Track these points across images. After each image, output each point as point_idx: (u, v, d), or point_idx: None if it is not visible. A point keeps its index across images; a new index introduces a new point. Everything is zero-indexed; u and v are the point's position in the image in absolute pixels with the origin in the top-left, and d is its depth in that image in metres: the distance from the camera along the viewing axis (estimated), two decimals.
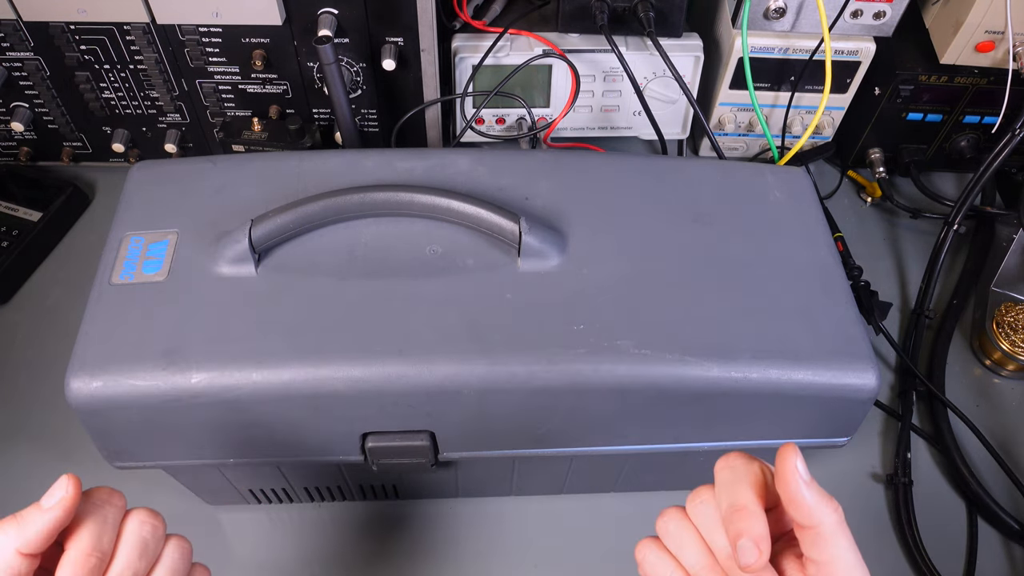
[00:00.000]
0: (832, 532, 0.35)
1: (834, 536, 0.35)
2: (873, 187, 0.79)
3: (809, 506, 0.35)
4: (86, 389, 0.43)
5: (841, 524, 0.35)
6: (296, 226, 0.47)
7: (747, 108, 0.76)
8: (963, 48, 0.68)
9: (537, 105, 0.75)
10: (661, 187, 0.53)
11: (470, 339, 0.44)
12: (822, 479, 0.63)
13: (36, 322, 0.68)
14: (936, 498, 0.62)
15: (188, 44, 0.65)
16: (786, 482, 0.35)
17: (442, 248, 0.48)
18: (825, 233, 0.52)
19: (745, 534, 0.35)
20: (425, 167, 0.52)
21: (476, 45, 0.70)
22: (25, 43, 0.65)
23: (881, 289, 0.72)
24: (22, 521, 0.36)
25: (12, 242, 0.70)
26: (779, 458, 0.35)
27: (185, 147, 0.74)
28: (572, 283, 0.47)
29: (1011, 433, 0.65)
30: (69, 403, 0.43)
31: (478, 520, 0.60)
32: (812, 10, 0.68)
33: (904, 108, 0.73)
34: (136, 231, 0.49)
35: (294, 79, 0.68)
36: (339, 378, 0.43)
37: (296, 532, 0.58)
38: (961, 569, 0.59)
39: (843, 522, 0.36)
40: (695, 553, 0.38)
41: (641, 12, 0.66)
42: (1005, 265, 0.71)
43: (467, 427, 0.47)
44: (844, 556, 0.35)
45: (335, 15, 0.63)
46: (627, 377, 0.44)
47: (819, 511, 0.35)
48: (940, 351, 0.69)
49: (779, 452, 0.35)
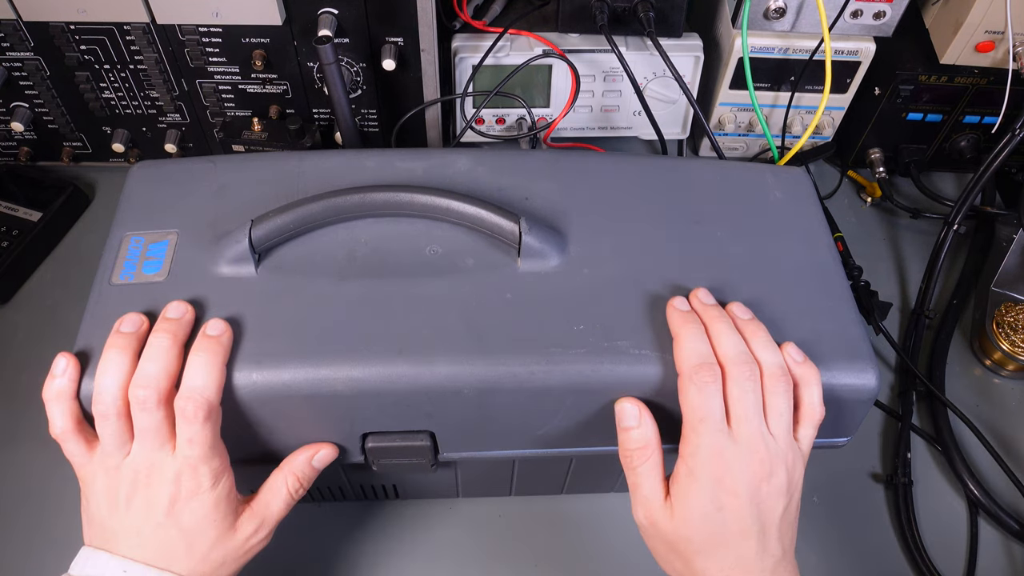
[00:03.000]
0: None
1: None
2: (873, 187, 0.79)
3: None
4: (86, 389, 0.43)
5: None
6: (296, 226, 0.47)
7: (747, 108, 0.76)
8: (963, 48, 0.68)
9: (537, 105, 0.75)
10: (661, 187, 0.53)
11: (470, 339, 0.44)
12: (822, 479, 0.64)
13: (36, 322, 0.68)
14: (936, 498, 0.62)
15: (188, 44, 0.65)
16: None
17: (442, 248, 0.48)
18: (825, 233, 0.52)
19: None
20: (425, 167, 0.52)
21: (476, 45, 0.70)
22: (25, 43, 0.65)
23: (881, 289, 0.72)
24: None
25: (12, 242, 0.70)
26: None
27: (185, 147, 0.74)
28: (572, 283, 0.47)
29: (1011, 433, 0.65)
30: None
31: (478, 520, 0.60)
32: (812, 10, 0.68)
33: (904, 108, 0.73)
34: (136, 231, 0.49)
35: (294, 79, 0.68)
36: (339, 378, 0.43)
37: (296, 532, 0.58)
38: (961, 569, 0.59)
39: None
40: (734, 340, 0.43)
41: (641, 12, 0.66)
42: (1005, 265, 0.71)
43: (467, 427, 0.46)
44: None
45: (335, 15, 0.63)
46: (627, 377, 0.44)
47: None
48: (940, 351, 0.69)
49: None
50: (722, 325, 0.43)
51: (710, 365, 0.42)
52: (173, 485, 0.42)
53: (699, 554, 0.42)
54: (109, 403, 0.41)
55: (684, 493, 0.42)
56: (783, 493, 0.42)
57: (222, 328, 0.43)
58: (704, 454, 0.41)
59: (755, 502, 0.41)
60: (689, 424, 0.42)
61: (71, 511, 0.59)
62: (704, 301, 0.46)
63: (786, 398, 0.42)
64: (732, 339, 0.43)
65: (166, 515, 0.42)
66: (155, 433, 0.42)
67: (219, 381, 0.41)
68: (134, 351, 0.42)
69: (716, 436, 0.41)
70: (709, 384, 0.41)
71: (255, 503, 0.46)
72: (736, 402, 0.42)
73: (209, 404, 0.41)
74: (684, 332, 0.43)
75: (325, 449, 0.46)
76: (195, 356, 0.42)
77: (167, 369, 0.41)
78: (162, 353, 0.42)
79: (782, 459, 0.42)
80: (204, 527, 0.43)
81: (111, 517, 0.43)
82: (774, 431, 0.42)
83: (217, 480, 0.43)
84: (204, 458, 0.42)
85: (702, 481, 0.41)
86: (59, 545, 0.57)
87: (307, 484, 0.47)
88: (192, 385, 0.41)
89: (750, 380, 0.42)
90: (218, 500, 0.43)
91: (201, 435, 0.41)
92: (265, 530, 0.46)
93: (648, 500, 0.43)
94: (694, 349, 0.42)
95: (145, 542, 0.42)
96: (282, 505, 0.46)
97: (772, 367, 0.43)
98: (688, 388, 0.42)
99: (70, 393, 0.42)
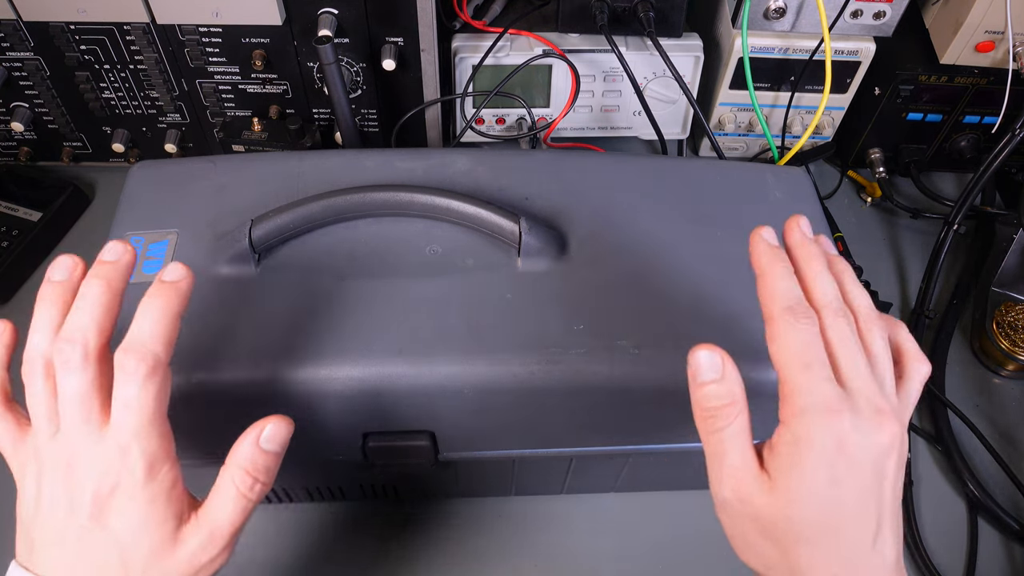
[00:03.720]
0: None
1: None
2: (873, 187, 0.79)
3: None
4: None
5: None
6: (296, 226, 0.47)
7: (747, 108, 0.76)
8: (963, 48, 0.68)
9: (537, 105, 0.75)
10: (661, 187, 0.53)
11: (470, 339, 0.44)
12: None
13: None
14: (936, 498, 0.62)
15: (188, 44, 0.65)
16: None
17: (442, 248, 0.48)
18: (825, 233, 0.52)
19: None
20: (425, 167, 0.52)
21: (476, 45, 0.70)
22: (25, 43, 0.65)
23: (881, 289, 0.72)
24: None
25: (12, 242, 0.70)
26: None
27: (185, 147, 0.74)
28: (572, 283, 0.47)
29: (1011, 433, 0.65)
30: None
31: (478, 520, 0.60)
32: (812, 10, 0.68)
33: (904, 108, 0.73)
34: (136, 231, 0.49)
35: (294, 79, 0.68)
36: (339, 378, 0.43)
37: (296, 532, 0.58)
38: (962, 569, 0.59)
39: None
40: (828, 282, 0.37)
41: (641, 12, 0.66)
42: (1005, 265, 0.71)
43: (467, 427, 0.46)
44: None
45: (335, 15, 0.63)
46: (627, 377, 0.44)
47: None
48: (940, 351, 0.69)
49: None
50: (818, 264, 0.37)
51: (805, 308, 0.35)
52: (98, 474, 0.33)
53: (802, 542, 0.33)
54: (36, 364, 0.35)
55: (789, 462, 0.34)
56: (902, 466, 0.35)
57: (182, 273, 0.36)
58: (816, 413, 0.33)
59: (879, 476, 0.33)
60: (789, 377, 0.34)
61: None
62: (805, 234, 0.39)
63: (886, 347, 0.36)
64: (828, 281, 0.37)
65: (90, 517, 0.34)
66: (81, 401, 0.34)
67: (170, 334, 0.34)
68: (66, 303, 0.35)
69: (827, 390, 0.33)
70: (809, 326, 0.34)
71: (201, 511, 0.36)
72: (841, 349, 0.35)
73: (156, 358, 0.33)
74: (772, 271, 0.37)
75: (272, 423, 0.37)
76: (145, 302, 0.35)
77: (98, 321, 0.34)
78: (93, 302, 0.34)
79: (903, 422, 0.35)
80: (138, 533, 0.34)
81: (33, 521, 0.35)
82: (885, 387, 0.35)
83: (153, 469, 0.34)
84: (138, 433, 0.33)
85: (816, 447, 0.33)
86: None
87: (264, 477, 0.37)
88: (137, 336, 0.34)
89: (849, 327, 0.35)
90: (154, 497, 0.34)
91: (140, 398, 0.33)
92: (217, 545, 0.36)
93: (739, 471, 0.35)
94: (786, 289, 0.36)
95: (67, 555, 0.34)
96: (234, 510, 0.36)
97: (866, 310, 0.37)
98: (784, 331, 0.35)
99: (1, 363, 0.36)
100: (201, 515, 0.36)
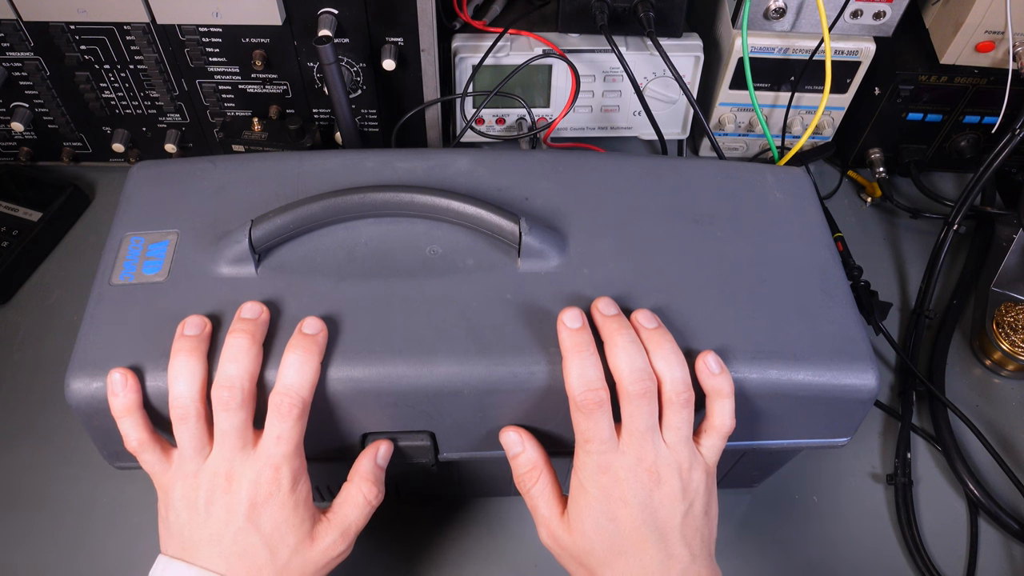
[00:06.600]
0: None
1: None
2: (873, 187, 0.80)
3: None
4: (86, 390, 0.43)
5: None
6: (296, 226, 0.47)
7: (747, 108, 0.76)
8: (963, 48, 0.68)
9: (537, 105, 0.75)
10: (661, 187, 0.53)
11: (470, 339, 0.44)
12: (822, 479, 0.64)
13: (36, 322, 0.68)
14: (936, 498, 0.62)
15: (188, 44, 0.65)
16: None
17: (442, 248, 0.48)
18: (825, 233, 0.52)
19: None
20: (425, 167, 0.52)
21: (476, 45, 0.71)
22: (25, 43, 0.65)
23: (881, 289, 0.72)
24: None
25: (12, 242, 0.70)
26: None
27: (185, 147, 0.74)
28: (572, 283, 0.47)
29: (1011, 433, 0.65)
30: (69, 403, 0.43)
31: (478, 520, 0.60)
32: (812, 10, 0.68)
33: (904, 108, 0.73)
34: (136, 231, 0.49)
35: (294, 79, 0.68)
36: (339, 378, 0.43)
37: None
38: (962, 569, 0.59)
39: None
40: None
41: (641, 12, 0.66)
42: (1005, 265, 0.71)
43: (467, 427, 0.46)
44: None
45: (335, 15, 0.63)
46: None
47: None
48: (940, 351, 0.69)
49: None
50: (620, 339, 0.42)
51: (595, 392, 0.41)
52: (253, 487, 0.42)
53: (602, 565, 0.42)
54: (187, 407, 0.41)
55: (577, 507, 0.43)
56: (678, 499, 0.42)
57: (319, 327, 0.43)
58: (591, 469, 0.42)
59: (648, 510, 0.42)
60: (578, 444, 0.43)
61: (74, 511, 0.59)
62: (604, 312, 0.44)
63: (684, 412, 0.42)
64: (629, 355, 0.42)
65: (246, 519, 0.42)
66: (237, 434, 0.41)
67: (313, 380, 0.42)
68: (203, 353, 0.42)
69: (603, 452, 0.42)
70: (594, 411, 0.41)
71: (332, 515, 0.45)
72: (628, 419, 0.42)
73: (303, 402, 0.41)
74: (570, 357, 0.42)
75: (383, 445, 0.47)
76: (291, 353, 0.41)
77: (249, 370, 0.41)
78: (242, 353, 0.41)
79: (674, 466, 0.42)
80: (284, 532, 0.42)
81: (190, 525, 0.42)
82: (669, 441, 0.42)
83: (296, 482, 0.43)
84: (288, 457, 0.42)
85: (592, 493, 0.42)
86: (60, 546, 0.57)
87: (380, 486, 0.47)
88: (288, 382, 0.41)
89: (644, 397, 0.41)
90: (296, 504, 0.43)
91: (291, 432, 0.41)
92: (345, 542, 0.45)
93: (547, 519, 0.45)
94: (580, 375, 0.41)
95: (226, 550, 0.42)
96: (361, 515, 0.46)
97: (672, 382, 0.42)
98: (575, 415, 0.42)
99: (137, 405, 0.42)
100: (332, 517, 0.45)
